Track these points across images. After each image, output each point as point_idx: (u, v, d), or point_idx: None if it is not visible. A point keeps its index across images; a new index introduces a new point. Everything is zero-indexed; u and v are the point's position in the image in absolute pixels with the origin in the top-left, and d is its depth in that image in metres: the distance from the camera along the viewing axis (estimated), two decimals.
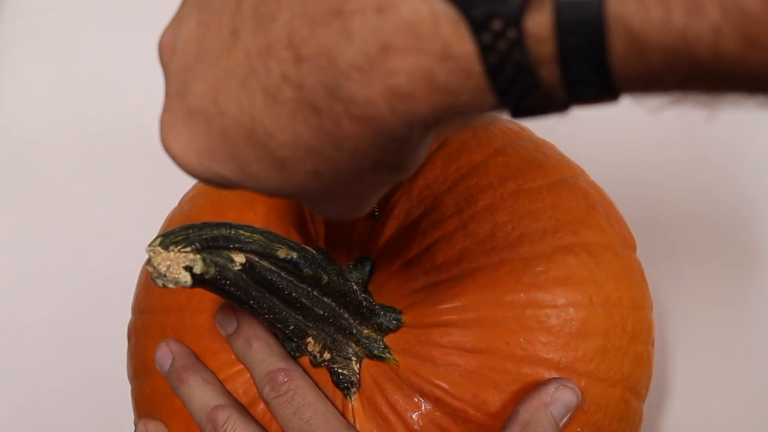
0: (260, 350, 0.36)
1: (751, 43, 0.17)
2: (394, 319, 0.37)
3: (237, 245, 0.32)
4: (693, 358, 0.48)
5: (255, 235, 0.32)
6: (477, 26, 0.19)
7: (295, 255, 0.33)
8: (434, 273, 0.37)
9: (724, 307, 0.49)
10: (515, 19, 0.18)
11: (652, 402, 0.44)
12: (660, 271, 0.44)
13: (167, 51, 0.25)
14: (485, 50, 0.19)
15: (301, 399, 0.35)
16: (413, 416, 0.36)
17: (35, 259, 0.56)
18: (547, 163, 0.40)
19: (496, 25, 0.18)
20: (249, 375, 0.37)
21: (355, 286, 0.36)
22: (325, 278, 0.34)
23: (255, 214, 0.39)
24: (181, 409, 0.37)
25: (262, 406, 0.36)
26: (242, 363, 0.37)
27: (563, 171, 0.40)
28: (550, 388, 0.34)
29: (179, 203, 0.44)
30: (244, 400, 0.37)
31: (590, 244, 0.38)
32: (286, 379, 0.35)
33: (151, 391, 0.40)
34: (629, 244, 0.40)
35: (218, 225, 0.32)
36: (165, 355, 0.38)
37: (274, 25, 0.21)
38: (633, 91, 0.20)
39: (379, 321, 0.37)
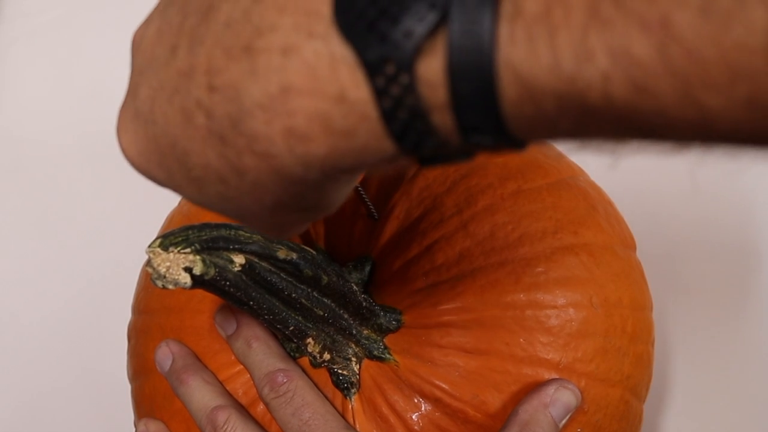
0: (260, 351, 0.36)
1: (641, 90, 0.17)
2: (394, 320, 0.37)
3: (237, 246, 0.32)
4: (693, 358, 0.48)
5: (254, 236, 0.32)
6: (371, 70, 0.19)
7: (294, 256, 0.33)
8: (434, 273, 0.37)
9: (724, 307, 0.49)
10: (407, 64, 0.18)
11: (652, 402, 0.43)
12: (660, 271, 0.44)
13: (134, 47, 0.25)
14: (379, 94, 0.19)
15: (300, 399, 0.35)
16: (413, 417, 0.36)
17: (35, 259, 0.56)
18: (546, 164, 0.40)
19: (390, 69, 0.18)
20: (249, 375, 0.37)
21: (354, 287, 0.36)
22: (325, 279, 0.34)
23: None
24: (181, 410, 0.37)
25: (262, 406, 0.36)
26: (242, 364, 0.37)
27: (563, 171, 0.40)
28: (550, 389, 0.34)
29: (179, 203, 0.44)
30: (244, 400, 0.37)
31: (590, 244, 0.38)
32: (285, 380, 0.35)
33: (151, 391, 0.40)
34: (629, 244, 0.40)
35: (218, 226, 0.32)
36: (165, 355, 0.38)
37: (200, 50, 0.21)
38: (531, 137, 0.20)
39: (379, 322, 0.37)
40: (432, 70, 0.18)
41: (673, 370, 0.48)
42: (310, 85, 0.19)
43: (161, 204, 0.45)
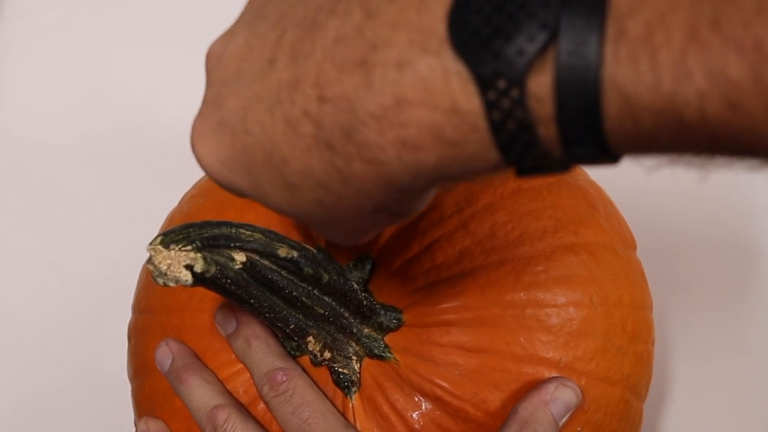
0: (259, 350, 0.36)
1: (734, 107, 0.18)
2: (394, 318, 0.37)
3: (238, 244, 0.32)
4: (693, 358, 0.48)
5: (256, 234, 0.32)
6: (483, 84, 0.20)
7: (295, 254, 0.33)
8: (434, 272, 0.37)
9: (724, 306, 0.49)
10: (519, 80, 0.20)
11: (652, 402, 0.44)
12: (660, 271, 0.44)
13: (213, 60, 0.27)
14: (490, 107, 0.20)
15: (299, 398, 0.35)
16: (413, 415, 0.36)
17: (35, 259, 0.56)
18: None
19: (501, 84, 0.20)
20: (249, 374, 0.37)
21: (355, 285, 0.36)
22: (326, 277, 0.34)
23: (256, 213, 0.39)
24: (181, 409, 0.37)
25: (262, 405, 0.36)
26: (242, 362, 0.37)
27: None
28: (550, 387, 0.34)
29: (179, 203, 0.44)
30: (244, 399, 0.37)
31: (590, 243, 0.38)
32: (284, 379, 0.35)
33: (151, 390, 0.40)
34: (629, 244, 0.40)
35: (219, 224, 0.32)
36: (165, 354, 0.38)
37: (306, 63, 0.23)
38: (627, 151, 0.21)
39: (379, 320, 0.37)
40: (540, 85, 0.20)
41: (673, 370, 0.48)
42: (424, 97, 0.21)
43: (162, 203, 0.45)
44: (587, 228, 0.38)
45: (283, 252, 0.33)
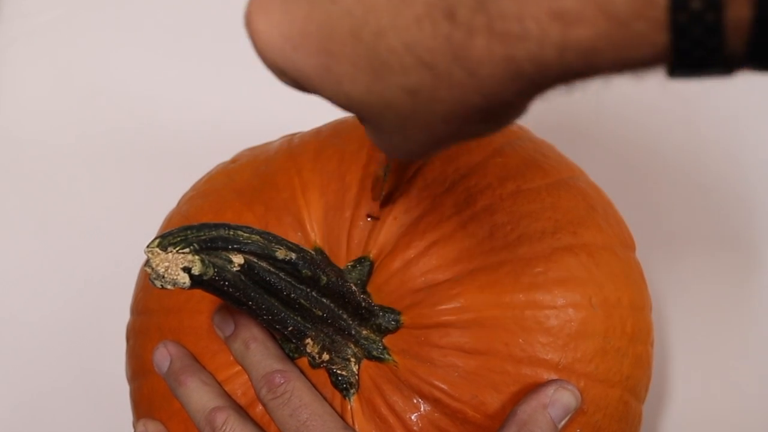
0: (257, 352, 0.36)
1: None
2: (393, 320, 0.37)
3: (235, 246, 0.32)
4: (693, 359, 0.48)
5: (253, 236, 0.32)
6: None
7: (293, 256, 0.33)
8: (433, 273, 0.37)
9: (724, 307, 0.49)
10: None
11: (652, 402, 0.44)
12: (660, 271, 0.44)
13: None
14: None
15: (297, 400, 0.35)
16: (412, 417, 0.35)
17: (34, 259, 0.56)
18: (546, 164, 0.40)
19: None
20: (247, 376, 0.37)
21: (353, 287, 0.36)
22: (324, 279, 0.34)
23: (254, 215, 0.39)
24: (180, 410, 0.37)
25: (260, 407, 0.36)
26: (240, 365, 0.37)
27: (562, 171, 0.40)
28: (549, 390, 0.34)
29: (178, 204, 0.44)
30: (242, 401, 0.37)
31: (589, 244, 0.38)
32: (282, 381, 0.35)
33: (149, 392, 0.40)
34: (628, 245, 0.40)
35: (216, 226, 0.32)
36: (163, 357, 0.38)
37: None
38: None
39: (378, 322, 0.37)
40: None
41: (672, 371, 0.48)
42: None
43: (160, 204, 0.45)
44: (586, 229, 0.38)
45: (281, 254, 0.33)
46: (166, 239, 0.31)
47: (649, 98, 0.52)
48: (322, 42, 0.21)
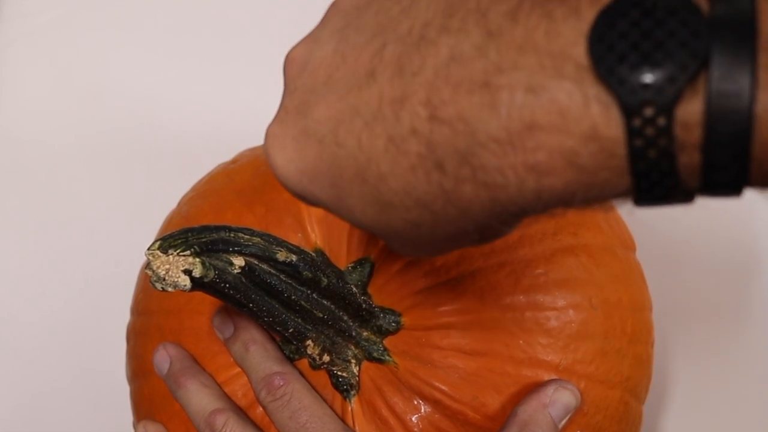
0: (257, 354, 0.36)
1: None
2: (393, 322, 0.37)
3: (236, 248, 0.32)
4: (692, 359, 0.48)
5: (254, 238, 0.32)
6: (629, 112, 0.19)
7: (294, 258, 0.33)
8: (434, 275, 0.37)
9: (724, 308, 0.49)
10: (668, 108, 0.19)
11: (652, 403, 0.44)
12: (659, 272, 0.44)
13: (296, 66, 0.26)
14: (633, 134, 0.20)
15: (297, 403, 0.35)
16: (413, 419, 0.36)
17: (34, 260, 0.56)
18: None
19: (648, 112, 0.19)
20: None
21: (354, 289, 0.36)
22: (325, 281, 0.34)
23: (254, 215, 0.39)
24: (180, 412, 0.37)
25: (260, 409, 0.36)
26: (240, 367, 0.37)
27: None
28: (549, 390, 0.34)
29: (178, 204, 0.44)
30: (242, 403, 0.37)
31: (590, 245, 0.38)
32: (282, 383, 0.35)
33: (149, 392, 0.40)
34: (629, 245, 0.40)
35: (217, 228, 0.32)
36: (163, 358, 0.38)
37: (414, 80, 0.22)
38: (762, 180, 0.21)
39: (378, 323, 0.37)
40: (689, 113, 0.19)
41: (672, 371, 0.48)
42: (559, 123, 0.20)
43: (160, 205, 0.45)
44: (587, 230, 0.38)
45: (281, 256, 0.33)
46: (167, 242, 0.31)
47: None
48: (331, 179, 0.24)
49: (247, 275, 0.32)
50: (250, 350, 0.36)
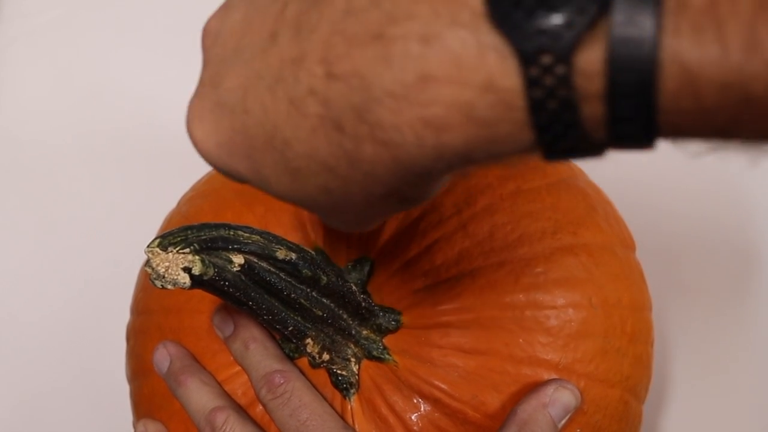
0: (257, 352, 0.36)
1: None
2: (393, 320, 0.37)
3: (236, 246, 0.32)
4: (692, 359, 0.48)
5: (254, 236, 0.32)
6: (526, 60, 0.19)
7: (294, 256, 0.33)
8: (433, 274, 0.37)
9: (724, 307, 0.49)
10: (566, 55, 0.18)
11: (652, 402, 0.43)
12: (660, 271, 0.44)
13: (210, 38, 0.25)
14: (531, 84, 0.19)
15: (297, 400, 0.35)
16: (412, 417, 0.36)
17: (34, 259, 0.56)
18: (546, 164, 0.40)
19: (546, 60, 0.18)
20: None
21: (354, 287, 0.36)
22: (324, 279, 0.34)
23: (254, 214, 0.39)
24: (180, 410, 0.37)
25: (260, 407, 0.36)
26: (240, 365, 0.37)
27: (562, 171, 0.40)
28: (549, 389, 0.34)
29: (178, 204, 0.44)
30: (243, 401, 0.37)
31: (589, 244, 0.38)
32: (282, 381, 0.35)
33: (149, 392, 0.40)
34: (628, 245, 0.40)
35: (217, 226, 0.32)
36: (163, 357, 0.38)
37: (311, 37, 0.21)
38: (676, 133, 0.20)
39: (378, 322, 0.37)
40: (590, 61, 0.18)
41: (672, 371, 0.48)
42: (454, 74, 0.19)
43: (160, 204, 0.45)
44: (586, 229, 0.38)
45: (281, 254, 0.33)
46: (167, 239, 0.31)
47: None
48: (247, 150, 0.23)
49: (246, 273, 0.32)
50: (250, 348, 0.36)
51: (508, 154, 0.21)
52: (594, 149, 0.21)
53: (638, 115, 0.19)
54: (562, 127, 0.19)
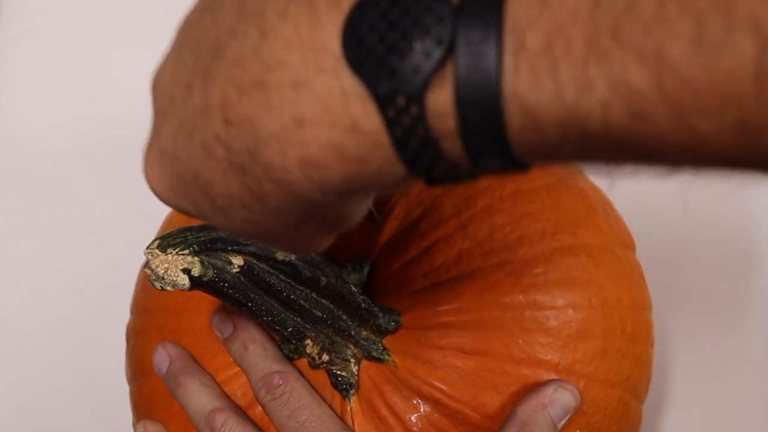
0: (256, 353, 0.36)
1: (638, 116, 0.18)
2: (392, 321, 0.37)
3: (235, 247, 0.32)
4: (692, 359, 0.48)
5: None
6: (382, 102, 0.20)
7: (293, 257, 0.33)
8: (433, 274, 0.37)
9: (724, 307, 0.49)
10: (417, 96, 0.19)
11: (652, 403, 0.43)
12: (659, 272, 0.44)
13: (155, 89, 0.26)
14: (391, 124, 0.20)
15: (296, 402, 0.35)
16: (412, 418, 0.36)
17: (34, 259, 0.56)
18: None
19: (400, 101, 0.19)
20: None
21: (353, 288, 0.36)
22: (324, 280, 0.34)
23: None
24: (180, 411, 0.37)
25: (260, 408, 0.36)
26: (239, 366, 0.37)
27: (562, 172, 0.40)
28: (549, 390, 0.34)
29: None
30: (242, 402, 0.37)
31: (589, 245, 0.38)
32: (281, 382, 0.35)
33: (149, 392, 0.40)
34: (628, 245, 0.40)
35: (216, 227, 0.32)
36: (162, 358, 0.38)
37: (212, 87, 0.22)
38: (534, 161, 0.21)
39: (377, 323, 0.36)
40: (440, 101, 0.19)
41: (672, 371, 0.48)
42: (323, 116, 0.20)
43: (160, 205, 0.45)
44: (586, 230, 0.38)
45: (280, 255, 0.33)
46: (166, 240, 0.31)
47: None
48: (184, 190, 0.25)
49: (246, 274, 0.32)
50: (249, 349, 0.36)
51: (391, 186, 0.22)
52: (468, 176, 0.22)
53: (492, 148, 0.20)
54: (427, 160, 0.20)
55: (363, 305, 0.36)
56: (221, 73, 0.22)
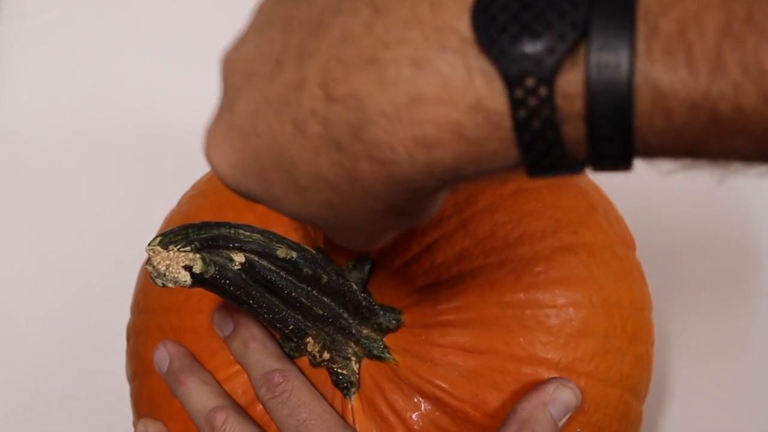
0: (256, 351, 0.36)
1: None
2: (393, 319, 0.37)
3: (236, 245, 0.32)
4: (693, 358, 0.48)
5: (254, 234, 0.32)
6: (511, 83, 0.20)
7: (294, 254, 0.33)
8: (434, 273, 0.37)
9: (724, 307, 0.49)
10: (548, 78, 0.20)
11: (652, 402, 0.43)
12: (660, 271, 0.44)
13: (227, 67, 0.27)
14: (516, 105, 0.20)
15: (296, 400, 0.35)
16: (413, 416, 0.35)
17: (34, 259, 0.56)
18: None
19: (529, 82, 0.20)
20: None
21: (354, 286, 0.36)
22: (325, 278, 0.34)
23: (254, 213, 0.39)
24: (180, 410, 0.37)
25: (260, 406, 0.36)
26: (239, 364, 0.37)
27: None
28: (550, 388, 0.34)
29: (178, 203, 0.44)
30: (242, 400, 0.37)
31: (590, 244, 0.38)
32: (281, 380, 0.35)
33: (150, 391, 0.40)
34: (629, 244, 0.40)
35: (218, 224, 0.32)
36: (163, 356, 0.38)
37: (311, 62, 0.22)
38: (650, 152, 0.21)
39: (378, 321, 0.36)
40: (570, 83, 0.20)
41: (672, 370, 0.48)
42: (443, 95, 0.20)
43: (161, 204, 0.45)
44: (587, 228, 0.38)
45: (282, 252, 0.33)
46: (167, 237, 0.31)
47: None
48: (258, 171, 0.25)
49: (247, 272, 0.32)
50: (249, 347, 0.36)
51: (494, 171, 0.22)
52: (574, 167, 0.22)
53: (616, 134, 0.20)
54: (545, 146, 0.21)
55: (364, 303, 0.36)
56: (323, 49, 0.22)
